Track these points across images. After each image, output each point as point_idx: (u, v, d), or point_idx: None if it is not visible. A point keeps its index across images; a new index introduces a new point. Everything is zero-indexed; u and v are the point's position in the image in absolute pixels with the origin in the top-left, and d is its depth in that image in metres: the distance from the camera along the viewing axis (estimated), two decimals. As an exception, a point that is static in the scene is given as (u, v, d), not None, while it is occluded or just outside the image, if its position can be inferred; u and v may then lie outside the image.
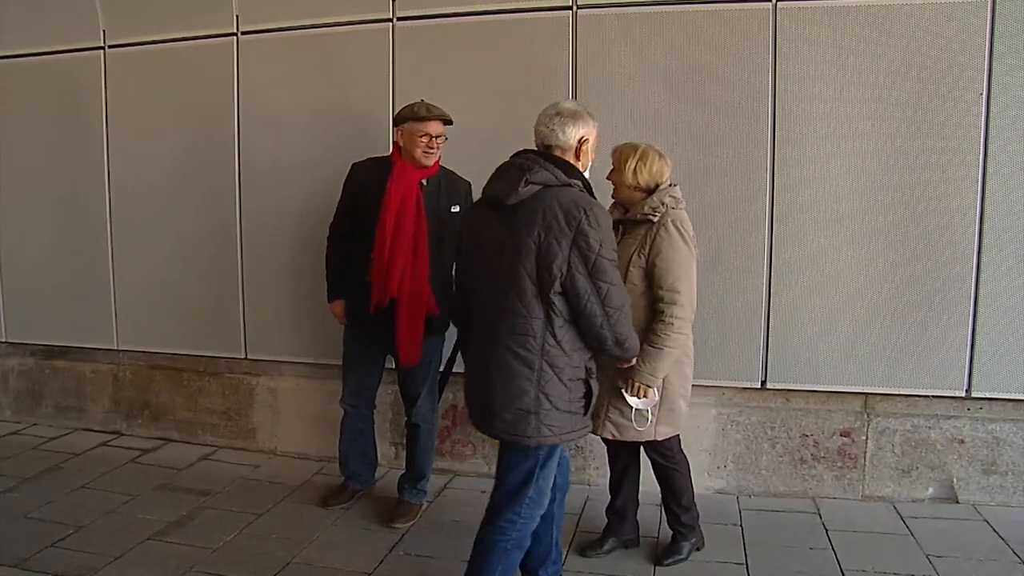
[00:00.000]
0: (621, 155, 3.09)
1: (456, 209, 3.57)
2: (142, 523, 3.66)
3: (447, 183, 3.60)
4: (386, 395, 4.19)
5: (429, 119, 3.43)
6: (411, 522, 3.68)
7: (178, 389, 4.79)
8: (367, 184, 3.54)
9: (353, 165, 3.68)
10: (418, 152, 3.44)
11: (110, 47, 4.67)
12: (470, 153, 3.89)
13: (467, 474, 4.25)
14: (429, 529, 3.64)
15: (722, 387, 3.94)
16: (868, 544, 3.42)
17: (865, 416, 3.83)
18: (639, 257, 3.01)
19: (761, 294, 3.81)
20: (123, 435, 4.91)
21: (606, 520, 3.43)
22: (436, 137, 3.45)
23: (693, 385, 3.90)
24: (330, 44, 4.24)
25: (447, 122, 3.51)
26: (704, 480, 3.94)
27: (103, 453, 4.63)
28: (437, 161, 3.54)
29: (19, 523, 3.66)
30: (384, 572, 3.24)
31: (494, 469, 4.16)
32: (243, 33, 4.38)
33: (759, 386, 3.88)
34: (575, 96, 3.88)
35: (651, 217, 3.02)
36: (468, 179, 3.64)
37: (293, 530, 3.60)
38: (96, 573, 3.20)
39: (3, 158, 5.03)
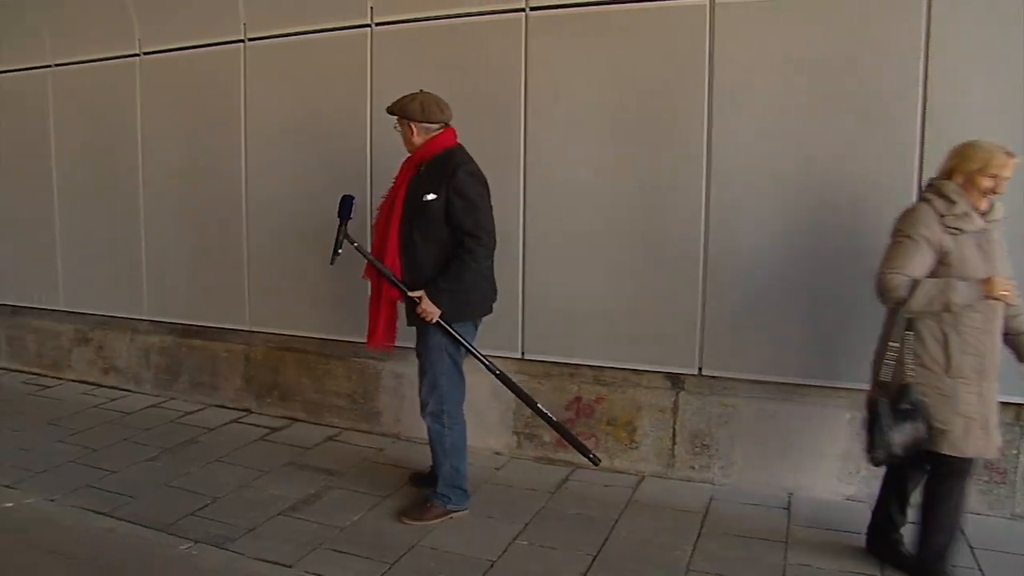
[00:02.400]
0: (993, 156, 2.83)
1: (431, 197, 3.34)
2: (273, 498, 3.80)
3: (429, 168, 3.42)
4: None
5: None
6: (421, 522, 3.53)
7: (306, 371, 4.95)
8: None
9: None
10: None
11: (250, 40, 4.86)
12: (600, 142, 3.85)
13: (589, 467, 4.19)
14: (554, 520, 3.62)
15: (855, 389, 3.69)
16: (1018, 566, 3.19)
17: (1017, 428, 3.56)
18: None
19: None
20: (253, 413, 5.11)
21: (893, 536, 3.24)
22: (395, 126, 3.52)
23: (824, 386, 3.76)
24: (461, 35, 4.27)
25: (392, 112, 3.49)
26: (834, 485, 3.78)
27: (235, 429, 4.84)
28: (431, 144, 3.44)
29: (162, 490, 3.88)
30: (507, 560, 3.25)
31: (616, 463, 4.15)
32: (377, 24, 4.47)
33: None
34: (710, 89, 3.78)
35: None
36: (469, 162, 3.45)
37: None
38: (233, 543, 3.35)
39: (147, 151, 5.32)
